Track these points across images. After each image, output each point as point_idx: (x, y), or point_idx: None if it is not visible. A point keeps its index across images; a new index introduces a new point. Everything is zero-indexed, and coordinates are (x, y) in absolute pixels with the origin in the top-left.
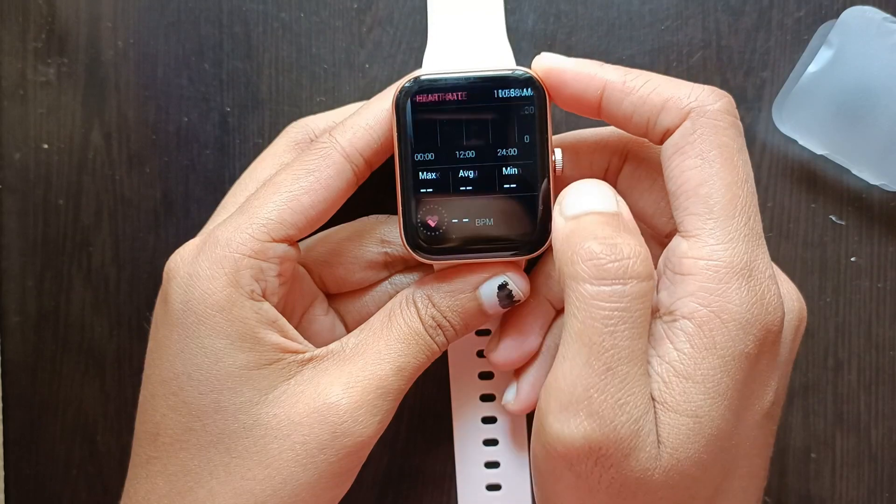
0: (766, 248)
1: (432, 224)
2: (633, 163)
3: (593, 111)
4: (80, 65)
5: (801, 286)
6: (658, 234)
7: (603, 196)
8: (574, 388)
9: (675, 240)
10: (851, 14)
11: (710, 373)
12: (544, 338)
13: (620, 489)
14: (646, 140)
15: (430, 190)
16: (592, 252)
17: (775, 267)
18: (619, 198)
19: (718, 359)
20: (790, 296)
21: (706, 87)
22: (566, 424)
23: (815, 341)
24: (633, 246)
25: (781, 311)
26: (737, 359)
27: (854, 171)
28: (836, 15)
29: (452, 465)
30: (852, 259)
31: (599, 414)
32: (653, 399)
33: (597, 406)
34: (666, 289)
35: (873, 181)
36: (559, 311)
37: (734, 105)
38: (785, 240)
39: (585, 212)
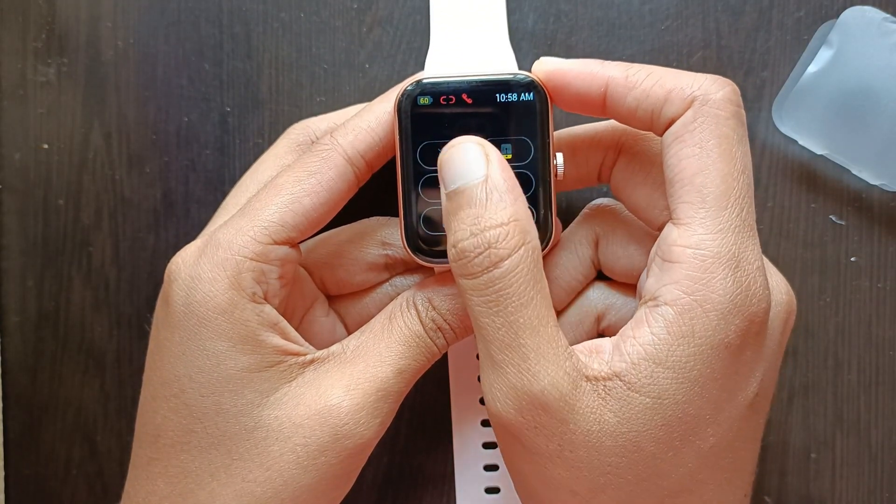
0: (757, 239)
1: (433, 227)
2: (627, 156)
3: (597, 109)
4: (80, 65)
5: (801, 286)
6: (652, 227)
7: (469, 162)
8: (493, 364)
9: (668, 227)
10: (851, 14)
11: (683, 360)
12: None
13: (572, 457)
14: (639, 133)
15: (432, 192)
16: (460, 252)
17: (765, 259)
18: (490, 151)
19: (694, 347)
20: (779, 288)
21: (710, 76)
22: (498, 400)
23: (815, 341)
24: (496, 228)
25: (767, 302)
26: (715, 348)
27: (854, 171)
28: (836, 15)
29: (452, 465)
30: (852, 259)
31: (518, 387)
32: (616, 375)
33: (514, 379)
34: (654, 275)
35: (873, 181)
36: (559, 313)
37: (738, 94)
38: (785, 240)
39: (454, 189)
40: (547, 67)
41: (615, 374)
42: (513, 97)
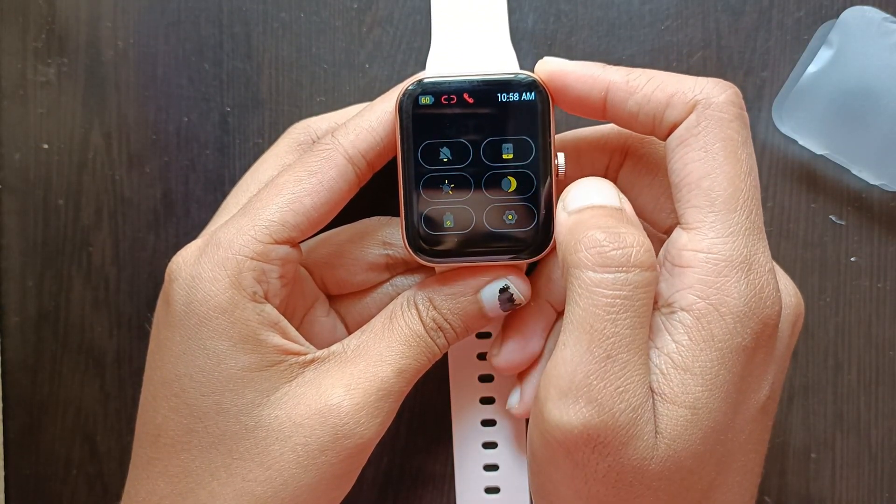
0: (766, 242)
1: (434, 226)
2: (633, 159)
3: (598, 113)
4: (80, 65)
5: (801, 286)
6: (657, 230)
7: (606, 192)
8: (574, 374)
9: (676, 232)
10: (851, 14)
11: (708, 365)
12: (546, 341)
13: (617, 478)
14: (645, 136)
15: (433, 192)
16: (596, 240)
17: (773, 262)
18: (622, 195)
19: (716, 351)
20: (787, 291)
21: (711, 79)
22: (565, 411)
23: (815, 341)
24: (636, 236)
25: (779, 306)
26: (734, 352)
27: (854, 171)
28: (836, 15)
29: (452, 465)
30: (852, 259)
31: (598, 401)
32: (651, 390)
33: (596, 393)
34: (665, 280)
35: (873, 181)
36: (560, 314)
37: (740, 96)
38: (785, 240)
39: (588, 205)
40: (549, 68)
41: (652, 389)
42: (514, 97)
